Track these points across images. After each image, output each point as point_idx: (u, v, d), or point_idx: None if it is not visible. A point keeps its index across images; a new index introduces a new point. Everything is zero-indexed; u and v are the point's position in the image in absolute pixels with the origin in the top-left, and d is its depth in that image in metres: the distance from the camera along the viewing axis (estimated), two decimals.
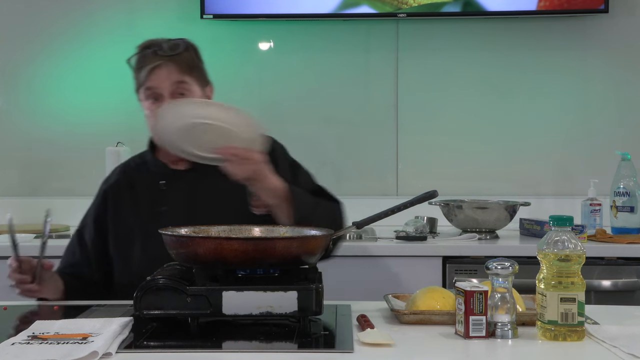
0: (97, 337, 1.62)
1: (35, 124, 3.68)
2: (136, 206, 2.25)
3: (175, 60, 2.20)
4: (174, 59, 2.20)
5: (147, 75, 2.19)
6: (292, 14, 3.54)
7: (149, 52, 2.21)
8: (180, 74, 2.20)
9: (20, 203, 3.65)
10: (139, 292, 1.71)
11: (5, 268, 3.01)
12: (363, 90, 3.68)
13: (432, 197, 2.01)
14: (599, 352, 1.61)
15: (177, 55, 2.21)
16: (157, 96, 2.20)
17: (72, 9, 3.67)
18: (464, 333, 1.68)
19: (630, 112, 3.65)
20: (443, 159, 3.67)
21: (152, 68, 2.19)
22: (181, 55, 2.22)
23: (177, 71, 2.20)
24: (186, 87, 2.21)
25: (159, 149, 2.30)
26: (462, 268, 2.99)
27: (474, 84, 3.67)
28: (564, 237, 1.67)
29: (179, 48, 2.22)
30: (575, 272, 1.65)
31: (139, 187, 2.28)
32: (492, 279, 1.71)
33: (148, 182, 2.28)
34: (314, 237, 1.86)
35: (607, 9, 3.46)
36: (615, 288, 2.98)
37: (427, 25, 3.64)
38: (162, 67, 2.19)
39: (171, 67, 2.19)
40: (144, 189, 2.27)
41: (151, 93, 2.21)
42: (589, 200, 3.32)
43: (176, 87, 2.19)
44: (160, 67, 2.19)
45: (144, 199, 2.25)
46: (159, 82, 2.19)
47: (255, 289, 1.69)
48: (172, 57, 2.20)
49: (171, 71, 2.19)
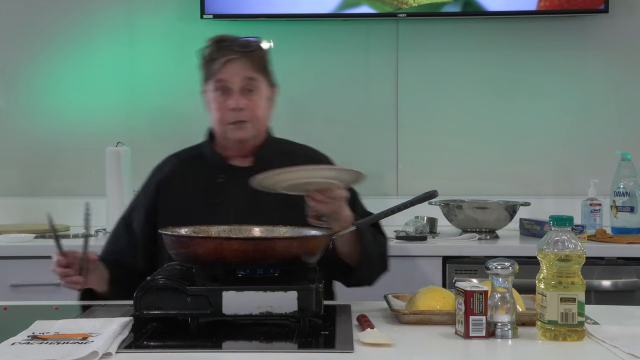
0: (97, 337, 1.62)
1: (35, 124, 3.68)
2: (189, 198, 2.24)
3: (248, 57, 2.22)
4: (248, 56, 2.22)
5: (220, 68, 2.21)
6: (292, 14, 3.54)
7: (223, 46, 2.23)
8: (252, 70, 2.22)
9: (20, 203, 3.65)
10: (139, 292, 1.71)
11: (6, 268, 3.04)
12: (363, 90, 3.68)
13: (432, 197, 2.01)
14: (599, 352, 1.61)
15: (251, 52, 2.23)
16: (226, 89, 2.21)
17: (72, 9, 3.66)
18: (464, 333, 1.68)
19: (630, 112, 3.65)
20: (443, 159, 3.66)
21: (226, 61, 2.20)
22: (255, 53, 2.24)
23: (249, 67, 2.22)
24: (255, 84, 2.22)
25: (217, 141, 2.30)
26: (462, 268, 2.99)
27: (474, 84, 3.67)
28: (564, 237, 1.67)
29: (253, 45, 2.25)
30: (575, 272, 1.66)
31: (194, 180, 2.27)
32: (492, 279, 1.71)
33: (204, 175, 2.27)
34: (314, 237, 1.86)
35: (607, 9, 3.46)
36: (615, 288, 2.98)
37: (427, 25, 3.64)
38: (236, 61, 2.21)
39: (245, 63, 2.21)
40: (200, 182, 2.26)
41: (221, 85, 2.22)
42: (589, 200, 3.32)
43: (246, 82, 2.21)
44: (234, 61, 2.21)
45: (199, 192, 2.24)
46: (231, 75, 2.21)
47: (255, 289, 1.69)
48: (246, 53, 2.22)
49: (244, 66, 2.21)
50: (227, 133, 2.24)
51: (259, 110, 2.23)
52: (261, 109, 2.24)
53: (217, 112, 2.23)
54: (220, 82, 2.22)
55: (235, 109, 2.20)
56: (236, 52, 2.21)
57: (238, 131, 2.22)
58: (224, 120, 2.22)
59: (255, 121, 2.23)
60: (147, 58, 3.68)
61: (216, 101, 2.23)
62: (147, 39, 3.68)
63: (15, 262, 3.04)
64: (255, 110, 2.22)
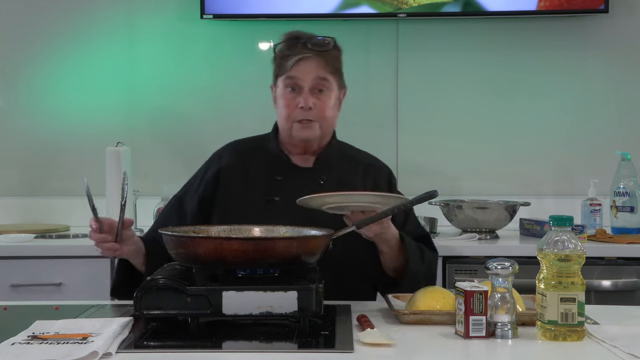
0: (97, 337, 1.62)
1: (35, 124, 3.68)
2: (248, 191, 2.22)
3: (323, 56, 2.21)
4: (322, 55, 2.20)
5: (293, 65, 2.19)
6: (292, 14, 3.54)
7: (299, 43, 2.20)
8: (324, 70, 2.20)
9: (20, 203, 3.65)
10: (139, 292, 1.71)
11: (6, 268, 3.04)
12: (363, 90, 3.68)
13: (432, 197, 2.01)
14: (599, 352, 1.61)
15: (326, 52, 2.21)
16: (297, 87, 2.20)
17: (72, 9, 3.66)
18: (464, 333, 1.68)
19: (630, 112, 3.65)
20: (443, 159, 3.66)
21: (300, 59, 2.18)
22: (329, 53, 2.22)
23: (322, 67, 2.20)
24: (326, 84, 2.21)
25: (281, 137, 2.28)
26: (462, 268, 2.99)
27: (474, 84, 3.67)
28: (564, 237, 1.67)
29: (328, 45, 2.22)
30: (575, 272, 1.66)
31: (254, 174, 2.25)
32: (492, 279, 1.71)
33: (265, 170, 2.25)
34: (314, 237, 1.86)
35: (607, 9, 3.46)
36: (615, 288, 2.98)
37: (427, 25, 3.64)
38: (309, 60, 2.19)
39: (318, 62, 2.20)
40: (259, 177, 2.24)
41: (291, 82, 2.20)
42: (589, 200, 3.32)
43: (317, 82, 2.20)
44: (307, 60, 2.19)
45: (258, 186, 2.22)
46: (304, 73, 2.19)
47: (255, 289, 1.69)
48: (320, 52, 2.20)
49: (317, 66, 2.20)
50: (293, 131, 2.22)
51: (327, 110, 2.22)
52: (330, 109, 2.23)
53: (286, 108, 2.21)
54: (292, 79, 2.20)
55: (304, 107, 2.18)
56: (310, 51, 2.19)
57: (304, 130, 2.21)
58: (292, 117, 2.21)
59: (323, 121, 2.22)
60: (147, 58, 3.68)
61: (285, 98, 2.21)
62: (147, 39, 3.68)
63: (15, 262, 3.04)
64: (324, 111, 2.21)
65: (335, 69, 2.24)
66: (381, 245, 2.10)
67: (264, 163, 2.26)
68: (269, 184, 2.22)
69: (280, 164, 2.26)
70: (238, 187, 2.23)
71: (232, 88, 3.68)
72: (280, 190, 2.21)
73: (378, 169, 2.33)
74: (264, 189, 2.22)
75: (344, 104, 3.65)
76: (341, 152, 2.32)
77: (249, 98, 3.64)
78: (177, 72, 3.67)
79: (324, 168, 2.25)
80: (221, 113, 3.66)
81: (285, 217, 2.05)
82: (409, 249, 2.13)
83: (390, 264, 2.15)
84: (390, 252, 2.12)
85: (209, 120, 3.67)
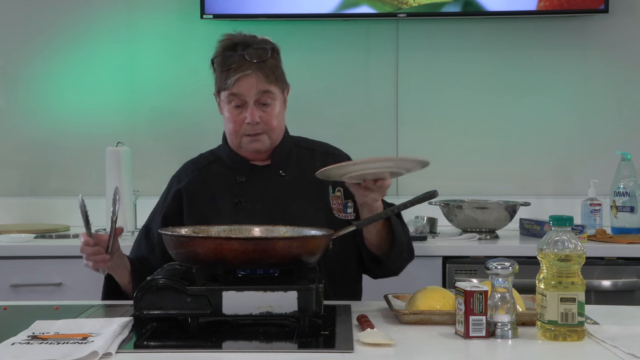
0: (97, 337, 1.62)
1: (35, 124, 3.68)
2: (215, 200, 2.22)
3: (262, 69, 2.17)
4: (261, 67, 2.17)
5: (234, 83, 2.17)
6: (292, 14, 3.54)
7: (235, 56, 2.18)
8: (266, 83, 2.18)
9: (20, 203, 3.65)
10: (139, 292, 1.71)
11: (6, 268, 3.04)
12: (363, 90, 3.68)
13: (432, 197, 2.01)
14: (599, 352, 1.61)
15: (264, 62, 2.18)
16: (241, 103, 2.19)
17: (72, 9, 3.66)
18: (464, 333, 1.68)
19: (630, 112, 3.65)
20: (443, 159, 3.66)
21: (241, 76, 2.16)
22: (268, 62, 2.19)
23: (263, 80, 2.17)
24: (270, 96, 2.20)
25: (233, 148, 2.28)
26: (462, 268, 2.99)
27: (474, 84, 3.67)
28: (564, 237, 1.67)
29: (266, 54, 2.19)
30: (575, 272, 1.65)
31: (216, 183, 2.26)
32: (492, 279, 1.71)
33: (225, 177, 2.26)
34: (314, 237, 1.86)
35: (607, 9, 3.46)
36: (615, 288, 2.98)
37: (427, 25, 3.64)
38: (250, 76, 2.16)
39: (258, 76, 2.17)
40: (221, 184, 2.25)
41: (235, 99, 2.19)
42: (589, 200, 3.32)
43: (261, 95, 2.18)
44: (248, 76, 2.16)
45: (221, 194, 2.22)
46: (246, 89, 2.17)
47: (255, 289, 1.69)
48: (259, 64, 2.17)
49: (258, 80, 2.17)
50: (242, 144, 2.22)
51: (274, 120, 2.21)
52: (276, 118, 2.22)
53: (232, 124, 2.21)
54: (235, 95, 2.18)
55: (251, 123, 2.18)
56: (249, 66, 2.16)
57: (254, 143, 2.21)
58: (239, 132, 2.21)
59: (271, 132, 2.22)
60: (147, 58, 3.68)
61: (231, 113, 2.21)
62: (147, 39, 3.68)
63: (15, 262, 3.04)
64: (271, 121, 2.21)
65: (277, 77, 2.22)
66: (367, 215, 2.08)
67: (224, 170, 2.27)
68: (232, 187, 2.23)
69: (239, 166, 2.26)
70: (203, 199, 2.24)
71: None
72: (245, 191, 2.22)
73: (337, 155, 2.32)
74: (229, 193, 2.22)
75: (344, 105, 3.69)
76: (296, 144, 2.32)
77: None
78: (177, 72, 3.67)
79: (281, 162, 2.25)
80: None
81: (256, 215, 2.10)
82: (393, 219, 2.13)
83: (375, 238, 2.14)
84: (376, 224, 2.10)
85: (209, 120, 3.66)
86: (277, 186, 2.22)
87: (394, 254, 2.16)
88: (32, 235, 3.20)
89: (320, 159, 2.29)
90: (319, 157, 2.30)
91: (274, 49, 2.23)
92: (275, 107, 2.22)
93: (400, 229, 2.18)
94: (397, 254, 2.16)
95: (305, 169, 2.24)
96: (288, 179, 2.24)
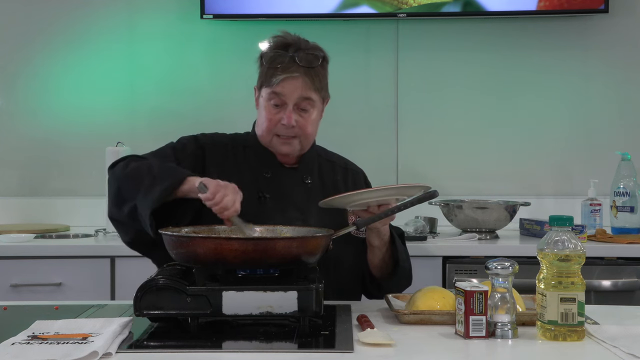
0: (97, 337, 1.62)
1: (35, 124, 3.68)
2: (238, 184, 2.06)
3: (309, 74, 2.16)
4: (309, 73, 2.16)
5: (279, 82, 2.15)
6: (292, 14, 3.54)
7: (286, 56, 2.16)
8: (310, 90, 2.16)
9: (20, 203, 3.65)
10: (139, 292, 1.71)
11: (6, 268, 3.03)
12: (363, 90, 3.68)
13: (433, 197, 2.01)
14: (599, 352, 1.61)
15: (313, 69, 2.17)
16: (281, 103, 2.17)
17: (72, 9, 3.66)
18: (464, 333, 1.68)
19: (630, 112, 3.65)
20: (443, 159, 3.66)
21: (288, 77, 2.15)
22: (316, 69, 2.18)
23: (308, 87, 2.16)
24: (310, 103, 2.18)
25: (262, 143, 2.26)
26: (462, 268, 2.99)
27: (473, 84, 3.67)
28: (564, 237, 1.67)
29: (316, 61, 2.18)
30: (575, 272, 1.66)
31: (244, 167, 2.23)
32: (492, 279, 1.71)
33: (253, 165, 2.23)
34: (314, 237, 1.86)
35: (607, 9, 3.46)
36: (615, 288, 2.98)
37: (427, 25, 3.64)
38: (296, 79, 2.15)
39: (305, 81, 2.15)
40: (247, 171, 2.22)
41: (276, 98, 2.17)
42: (589, 200, 3.32)
43: (301, 101, 2.16)
44: (294, 79, 2.15)
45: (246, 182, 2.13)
46: (289, 91, 2.15)
47: (255, 289, 1.69)
48: (307, 69, 2.16)
49: (303, 86, 2.15)
50: (272, 143, 2.21)
51: (309, 127, 2.20)
52: (311, 125, 2.21)
53: (267, 122, 2.19)
54: (276, 95, 2.17)
55: (287, 125, 2.17)
56: (298, 69, 2.14)
57: (284, 146, 2.20)
58: (272, 131, 2.19)
59: (304, 138, 2.20)
60: (147, 58, 3.68)
61: (268, 111, 2.19)
62: (147, 38, 3.68)
63: (15, 262, 3.04)
64: (306, 127, 2.19)
65: (321, 87, 2.21)
66: (374, 239, 2.11)
67: (252, 158, 2.25)
68: (258, 180, 2.22)
69: (267, 161, 2.25)
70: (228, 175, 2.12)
71: (232, 88, 3.68)
72: (270, 187, 2.21)
73: (354, 172, 2.36)
74: (254, 184, 2.20)
75: (344, 105, 3.68)
76: (319, 155, 2.33)
77: (248, 98, 3.60)
78: (177, 72, 3.68)
79: (307, 169, 2.25)
80: (221, 113, 3.65)
81: (277, 215, 2.08)
82: (398, 245, 2.17)
83: (378, 261, 2.16)
84: (381, 247, 2.13)
85: (209, 120, 3.66)
86: (301, 192, 2.21)
87: (393, 281, 2.18)
88: (32, 235, 3.20)
89: (340, 172, 2.31)
90: (339, 170, 2.32)
91: (324, 58, 2.22)
92: (312, 115, 2.20)
93: (404, 256, 2.20)
94: (396, 281, 2.18)
95: (326, 181, 2.26)
96: (310, 187, 2.23)
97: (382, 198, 1.98)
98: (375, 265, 2.18)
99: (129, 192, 2.05)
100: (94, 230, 3.30)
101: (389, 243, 2.15)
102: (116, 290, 3.00)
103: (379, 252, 2.15)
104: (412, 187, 2.00)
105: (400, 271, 2.17)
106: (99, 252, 3.04)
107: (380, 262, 2.17)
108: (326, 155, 2.36)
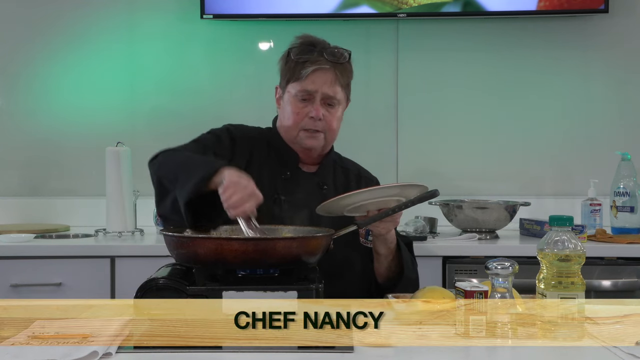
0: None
1: (35, 124, 3.68)
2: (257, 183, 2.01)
3: (338, 69, 2.18)
4: (338, 68, 2.18)
5: (309, 75, 2.16)
6: (292, 14, 3.54)
7: (315, 50, 2.18)
8: (337, 84, 2.19)
9: (20, 203, 3.65)
10: (139, 292, 1.71)
11: (6, 268, 3.03)
12: (363, 90, 3.68)
13: (433, 196, 2.01)
14: (599, 352, 1.61)
15: (342, 65, 2.19)
16: (308, 97, 2.18)
17: (72, 9, 3.66)
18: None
19: (630, 112, 3.65)
20: (443, 159, 3.66)
21: (316, 69, 2.16)
22: (344, 66, 2.20)
23: (336, 81, 2.18)
24: (334, 101, 2.20)
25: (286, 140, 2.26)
26: (462, 268, 2.99)
27: (473, 84, 3.67)
28: (564, 237, 1.67)
29: (344, 57, 2.20)
30: (575, 272, 1.65)
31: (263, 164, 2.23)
32: (492, 279, 1.71)
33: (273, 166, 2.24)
34: (314, 237, 1.86)
35: (607, 9, 3.46)
36: (615, 288, 2.98)
37: (427, 25, 3.64)
38: (326, 71, 2.16)
39: (333, 75, 2.17)
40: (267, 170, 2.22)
41: (304, 91, 2.18)
42: (589, 200, 3.32)
43: (329, 95, 2.18)
44: (324, 71, 2.16)
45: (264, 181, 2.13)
46: (318, 84, 2.17)
47: (255, 288, 1.69)
48: (337, 64, 2.18)
49: (332, 78, 2.17)
50: (298, 138, 2.22)
51: (334, 122, 2.22)
52: (336, 121, 2.23)
53: (294, 115, 2.20)
54: (305, 88, 2.18)
55: (314, 118, 2.18)
56: (327, 62, 2.17)
57: (311, 140, 2.21)
58: (300, 125, 2.20)
59: (329, 133, 2.22)
60: (147, 58, 3.68)
61: (295, 105, 2.20)
62: (147, 38, 3.67)
63: (15, 262, 3.04)
64: (332, 122, 2.21)
65: (347, 84, 2.23)
66: (380, 247, 2.11)
67: (273, 157, 2.26)
68: (276, 180, 2.22)
69: (288, 162, 2.25)
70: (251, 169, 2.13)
71: (232, 88, 3.68)
72: (286, 189, 2.21)
73: (368, 178, 2.37)
74: (271, 184, 2.20)
75: None
76: (335, 161, 2.34)
77: (248, 98, 3.64)
78: (177, 72, 3.68)
79: (324, 175, 2.27)
80: (221, 113, 3.65)
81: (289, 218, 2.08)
82: (404, 254, 2.17)
83: (384, 270, 2.17)
84: (387, 255, 2.14)
85: (209, 120, 3.63)
86: (316, 198, 2.19)
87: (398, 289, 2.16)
88: (32, 235, 3.19)
89: (354, 179, 2.32)
90: (353, 178, 2.33)
91: (350, 55, 2.24)
92: (337, 111, 2.23)
93: (410, 266, 2.20)
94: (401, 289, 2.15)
95: (339, 187, 2.26)
96: (326, 193, 2.23)
97: (379, 199, 1.97)
98: (381, 274, 2.19)
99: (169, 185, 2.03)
100: (94, 230, 3.30)
101: (395, 251, 2.15)
102: (116, 290, 3.00)
103: (385, 261, 2.15)
104: (412, 187, 1.99)
105: (406, 280, 2.16)
106: (99, 252, 3.04)
107: (386, 271, 2.18)
108: (341, 162, 2.36)
